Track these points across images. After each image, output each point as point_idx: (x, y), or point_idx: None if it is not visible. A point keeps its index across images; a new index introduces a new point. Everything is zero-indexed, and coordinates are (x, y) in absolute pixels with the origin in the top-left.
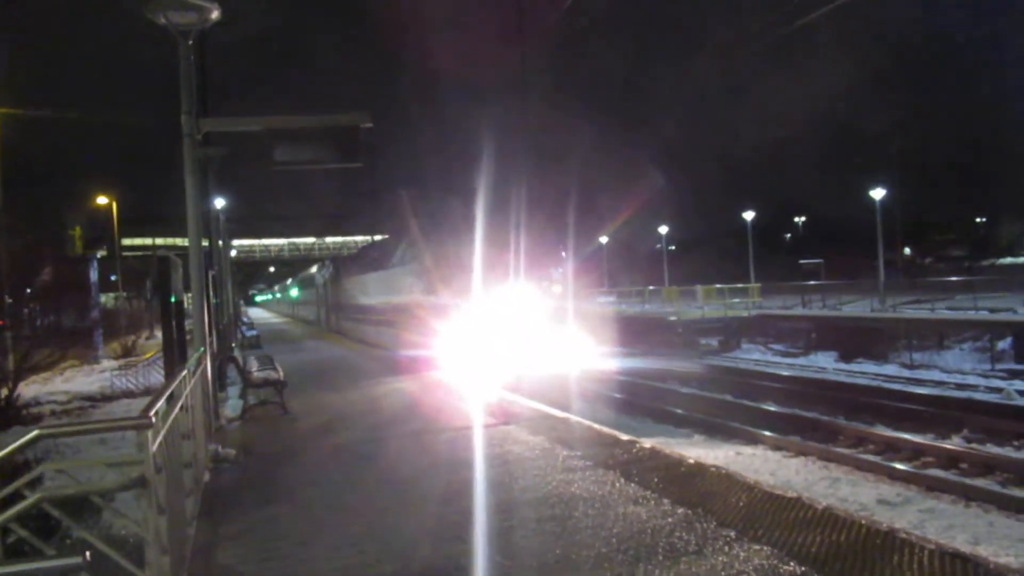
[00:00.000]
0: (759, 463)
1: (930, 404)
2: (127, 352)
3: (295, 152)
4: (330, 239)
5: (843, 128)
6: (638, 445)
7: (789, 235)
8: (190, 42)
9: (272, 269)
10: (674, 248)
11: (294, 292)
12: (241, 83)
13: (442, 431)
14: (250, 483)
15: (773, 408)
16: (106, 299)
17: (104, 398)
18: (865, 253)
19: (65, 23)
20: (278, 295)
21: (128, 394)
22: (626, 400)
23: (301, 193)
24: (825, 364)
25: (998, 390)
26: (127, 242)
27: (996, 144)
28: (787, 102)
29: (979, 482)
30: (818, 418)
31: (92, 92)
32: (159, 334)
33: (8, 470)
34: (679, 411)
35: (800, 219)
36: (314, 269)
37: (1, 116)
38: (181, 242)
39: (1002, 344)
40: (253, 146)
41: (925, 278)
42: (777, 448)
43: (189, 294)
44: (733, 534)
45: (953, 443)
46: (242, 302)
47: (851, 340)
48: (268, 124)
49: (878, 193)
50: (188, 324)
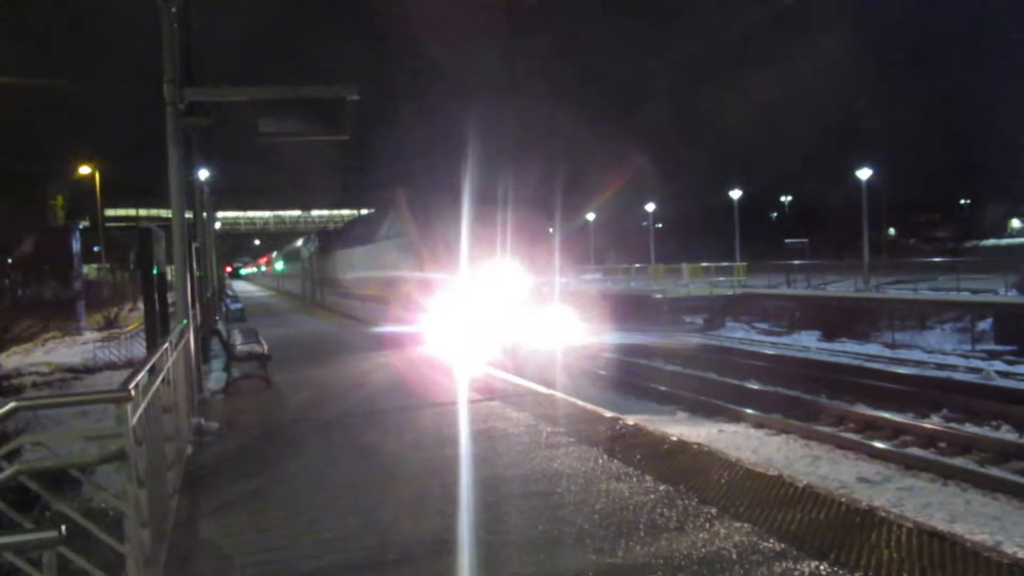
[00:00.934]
0: (741, 440)
1: (911, 384)
2: (110, 324)
3: (280, 123)
4: (316, 212)
5: (831, 109)
6: (621, 422)
7: (775, 214)
8: (173, 9)
9: (257, 242)
10: (660, 226)
11: (279, 265)
12: (228, 60)
13: (427, 406)
14: (233, 457)
15: (756, 386)
16: (89, 270)
17: (87, 370)
18: (850, 233)
19: None
20: (263, 268)
21: (111, 366)
22: (610, 377)
23: (287, 165)
24: (808, 343)
25: (978, 370)
26: (110, 212)
27: (982, 127)
28: (776, 81)
29: (957, 461)
30: (800, 396)
31: (74, 60)
32: (142, 306)
33: None
34: (663, 388)
35: (786, 199)
36: (300, 242)
37: None
38: (165, 213)
39: (982, 325)
40: (238, 117)
41: (909, 259)
42: (759, 426)
43: (172, 266)
44: (714, 511)
45: (932, 422)
46: (226, 275)
47: (834, 319)
48: (253, 95)
49: (864, 173)
50: (172, 296)
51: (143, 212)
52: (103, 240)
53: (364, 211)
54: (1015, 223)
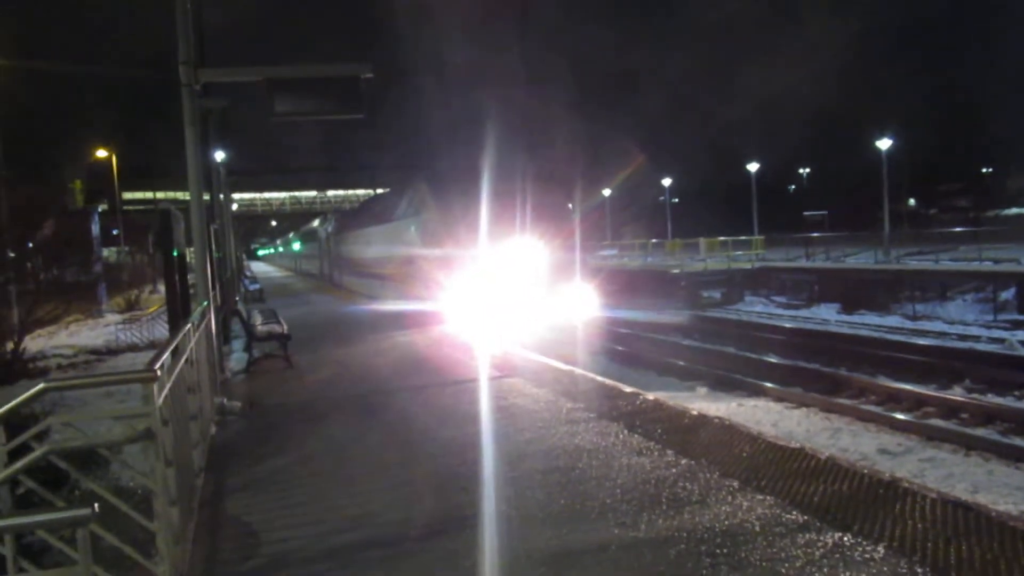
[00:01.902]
0: (762, 414)
1: (932, 355)
2: (131, 306)
3: (296, 103)
4: (332, 192)
5: (850, 78)
6: (641, 397)
7: (793, 187)
8: None
9: (274, 223)
10: (677, 201)
11: (296, 246)
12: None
13: (447, 384)
14: (256, 435)
15: (775, 360)
16: (108, 253)
17: (109, 352)
18: (870, 205)
19: None
20: (280, 249)
21: (133, 348)
22: (629, 353)
23: (302, 146)
24: (828, 316)
25: (1000, 340)
26: (128, 196)
27: (1006, 95)
28: (794, 51)
29: (979, 431)
30: (820, 369)
31: (90, 45)
32: (162, 288)
33: (16, 423)
34: (682, 363)
35: (804, 171)
36: (317, 222)
37: None
38: (182, 196)
39: (1005, 294)
40: (253, 98)
41: (930, 229)
42: (779, 400)
43: (191, 248)
44: (736, 484)
45: (954, 393)
46: (244, 256)
47: (854, 292)
48: (268, 74)
49: (884, 144)
50: (191, 278)
51: (160, 195)
52: (121, 223)
53: (380, 190)
54: None
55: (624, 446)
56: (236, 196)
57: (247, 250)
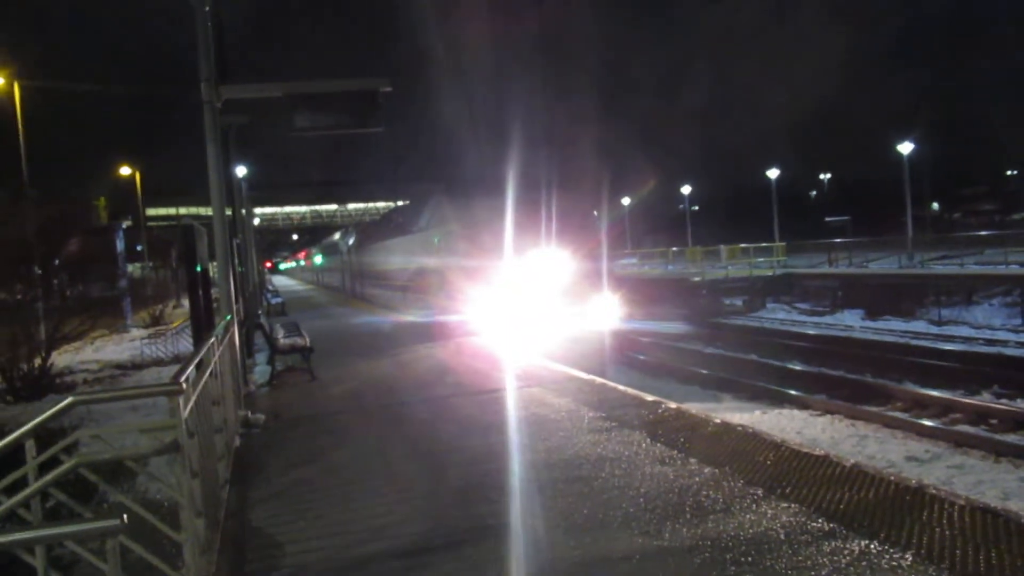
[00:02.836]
0: (785, 422)
1: (958, 360)
2: (155, 321)
3: (315, 118)
4: (352, 206)
5: (871, 83)
6: (664, 406)
7: (815, 193)
8: (207, 8)
9: (295, 237)
10: (697, 208)
11: (318, 259)
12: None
13: (470, 395)
14: (280, 448)
15: (799, 367)
16: (133, 269)
17: (134, 366)
18: (893, 210)
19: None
20: (302, 263)
21: (158, 362)
22: (650, 361)
23: (322, 160)
24: (852, 322)
25: None
26: (151, 212)
27: None
28: (815, 58)
29: (1010, 437)
30: (844, 376)
31: (112, 65)
32: (186, 303)
33: (44, 436)
34: (704, 372)
35: (826, 176)
36: (338, 235)
37: (22, 88)
38: (204, 211)
39: None
40: (273, 114)
41: (954, 233)
42: (803, 407)
43: (215, 263)
44: (760, 492)
45: (982, 399)
46: (266, 270)
47: (878, 297)
48: (288, 89)
49: (906, 148)
50: (215, 293)
51: (183, 211)
52: (145, 239)
53: (401, 203)
54: None
55: (647, 455)
56: (257, 211)
57: (270, 262)
